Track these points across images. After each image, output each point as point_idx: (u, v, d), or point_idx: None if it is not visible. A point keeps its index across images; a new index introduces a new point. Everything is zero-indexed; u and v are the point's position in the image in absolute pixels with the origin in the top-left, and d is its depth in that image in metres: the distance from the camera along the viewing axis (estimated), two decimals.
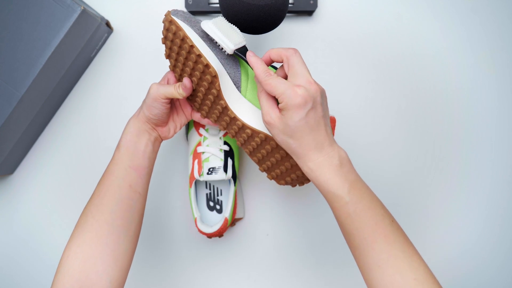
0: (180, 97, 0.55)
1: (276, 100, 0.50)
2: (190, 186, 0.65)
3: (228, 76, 0.54)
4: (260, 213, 0.72)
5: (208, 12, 0.70)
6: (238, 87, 0.55)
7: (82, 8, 0.61)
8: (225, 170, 0.63)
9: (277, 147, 0.54)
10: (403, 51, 0.72)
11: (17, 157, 0.71)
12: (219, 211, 0.68)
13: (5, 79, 0.61)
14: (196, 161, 0.64)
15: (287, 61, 0.50)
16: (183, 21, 0.54)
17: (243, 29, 0.57)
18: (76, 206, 0.72)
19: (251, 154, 0.58)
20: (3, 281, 0.72)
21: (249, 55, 0.52)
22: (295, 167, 0.55)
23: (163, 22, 0.56)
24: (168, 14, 0.54)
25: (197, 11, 0.69)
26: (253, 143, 0.56)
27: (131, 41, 0.72)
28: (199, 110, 0.60)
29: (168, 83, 0.59)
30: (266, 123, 0.50)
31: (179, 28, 0.53)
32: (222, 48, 0.54)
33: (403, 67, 0.72)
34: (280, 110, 0.49)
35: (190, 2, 0.69)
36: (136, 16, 0.72)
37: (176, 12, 0.55)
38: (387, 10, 0.72)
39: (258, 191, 0.72)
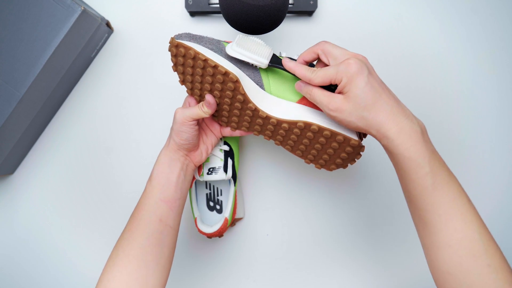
0: (206, 115, 0.55)
1: (329, 90, 0.50)
2: (190, 186, 0.65)
3: (249, 78, 0.54)
4: (260, 213, 0.72)
5: (208, 12, 0.70)
6: (261, 86, 0.55)
7: (82, 8, 0.61)
8: (225, 170, 0.63)
9: (319, 131, 0.52)
10: (403, 51, 0.72)
11: (17, 157, 0.71)
12: (219, 211, 0.68)
13: (5, 79, 0.61)
14: None
15: (323, 53, 0.50)
16: (189, 41, 0.54)
17: (243, 29, 0.57)
18: (76, 206, 0.73)
19: (293, 149, 0.57)
20: (3, 281, 0.72)
21: (286, 62, 0.52)
22: (342, 145, 0.53)
23: (169, 50, 0.55)
24: (172, 40, 0.54)
25: (197, 11, 0.69)
26: (293, 136, 0.55)
27: (131, 41, 0.72)
28: (227, 124, 0.60)
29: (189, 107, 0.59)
30: (334, 110, 0.48)
31: (188, 48, 0.53)
32: (254, 66, 0.54)
33: (403, 67, 0.72)
34: (341, 91, 0.48)
35: (190, 2, 0.69)
36: (136, 16, 0.72)
37: (179, 36, 0.55)
38: (387, 10, 0.72)
39: (258, 191, 0.72)
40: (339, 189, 0.72)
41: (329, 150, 0.54)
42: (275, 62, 0.53)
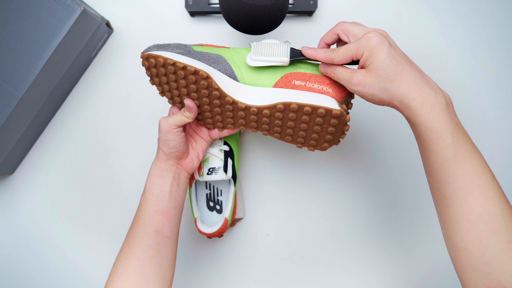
0: (190, 120, 0.55)
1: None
2: (190, 186, 0.65)
3: (220, 72, 0.54)
4: (260, 213, 0.72)
5: (208, 12, 0.70)
6: (235, 77, 0.55)
7: (82, 8, 0.61)
8: (225, 170, 0.63)
9: (299, 109, 0.52)
10: (403, 51, 0.72)
11: (17, 157, 0.71)
12: (219, 211, 0.68)
13: (5, 79, 0.61)
14: None
15: (343, 32, 0.51)
16: (157, 50, 0.55)
17: (243, 30, 0.57)
18: (76, 206, 0.73)
19: (281, 135, 0.57)
20: (3, 281, 0.72)
21: (305, 50, 0.52)
22: (326, 118, 0.52)
23: (142, 64, 0.56)
24: (142, 54, 0.55)
25: (197, 11, 0.69)
26: (277, 121, 0.54)
27: (131, 41, 0.72)
28: (213, 125, 0.60)
29: None
30: (356, 84, 0.48)
31: (156, 57, 0.53)
32: (224, 59, 0.54)
33: None
34: (363, 65, 0.48)
35: (190, 2, 0.69)
36: (136, 16, 0.72)
37: (148, 48, 0.56)
38: (387, 10, 0.72)
39: (258, 191, 0.72)
40: (340, 189, 0.72)
41: (315, 127, 0.54)
42: (295, 55, 0.54)
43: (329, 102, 0.51)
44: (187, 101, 0.55)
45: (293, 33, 0.72)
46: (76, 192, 0.72)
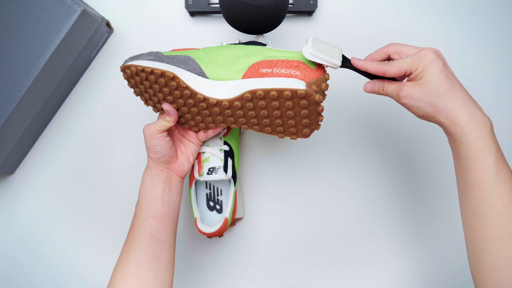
0: (171, 123, 0.56)
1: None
2: (190, 186, 0.65)
3: (188, 71, 0.54)
4: (260, 213, 0.72)
5: (208, 12, 0.70)
6: (203, 75, 0.55)
7: (82, 8, 0.61)
8: (225, 170, 0.63)
9: (265, 95, 0.51)
10: None
11: (17, 157, 0.71)
12: (219, 211, 0.68)
13: (5, 79, 0.61)
14: (196, 161, 0.64)
15: (394, 51, 0.52)
16: (131, 61, 0.56)
17: (243, 29, 0.57)
18: (76, 206, 0.73)
19: (260, 127, 0.57)
20: (3, 281, 0.72)
21: (355, 61, 0.53)
22: (295, 101, 0.51)
23: (124, 78, 0.58)
24: (121, 69, 0.56)
25: (197, 11, 0.69)
26: (251, 112, 0.54)
27: (131, 41, 0.72)
28: (197, 127, 0.60)
29: None
30: (403, 96, 0.50)
31: (130, 66, 0.54)
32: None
33: None
34: (413, 78, 0.49)
35: (190, 2, 0.69)
36: (136, 16, 0.72)
37: (125, 61, 0.57)
38: (387, 10, 0.72)
39: (258, 191, 0.72)
40: (340, 189, 0.72)
41: (288, 112, 0.53)
42: (344, 62, 0.54)
43: (294, 83, 0.50)
44: (165, 105, 0.56)
45: (293, 33, 0.72)
46: (76, 192, 0.73)
